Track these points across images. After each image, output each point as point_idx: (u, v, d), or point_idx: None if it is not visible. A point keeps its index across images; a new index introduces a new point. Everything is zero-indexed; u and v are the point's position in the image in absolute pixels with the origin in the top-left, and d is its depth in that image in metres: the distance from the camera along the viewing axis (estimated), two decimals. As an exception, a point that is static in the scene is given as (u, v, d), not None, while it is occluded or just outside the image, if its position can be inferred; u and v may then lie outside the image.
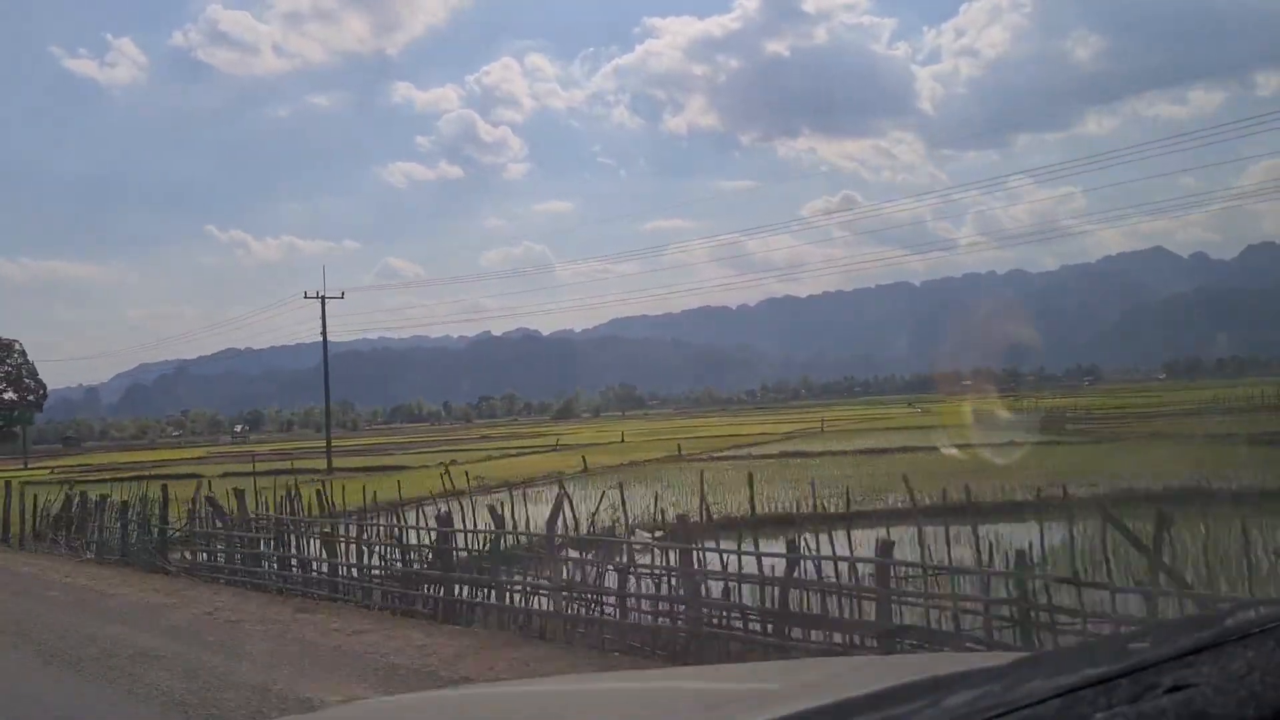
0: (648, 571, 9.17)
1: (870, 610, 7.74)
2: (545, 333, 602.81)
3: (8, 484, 22.40)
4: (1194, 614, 5.76)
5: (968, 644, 6.98)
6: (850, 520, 14.02)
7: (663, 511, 12.51)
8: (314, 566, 12.55)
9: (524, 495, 15.02)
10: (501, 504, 12.21)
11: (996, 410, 52.06)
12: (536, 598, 9.89)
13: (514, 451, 53.78)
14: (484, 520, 11.92)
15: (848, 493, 15.64)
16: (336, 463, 46.33)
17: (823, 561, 8.34)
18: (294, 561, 12.86)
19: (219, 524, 14.31)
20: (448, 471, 18.49)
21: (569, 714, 1.82)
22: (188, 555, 14.87)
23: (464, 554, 10.86)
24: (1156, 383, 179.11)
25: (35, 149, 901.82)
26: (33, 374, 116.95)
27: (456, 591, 10.54)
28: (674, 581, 8.95)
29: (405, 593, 11.24)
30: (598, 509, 11.90)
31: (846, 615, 8.00)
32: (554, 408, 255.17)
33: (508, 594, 10.13)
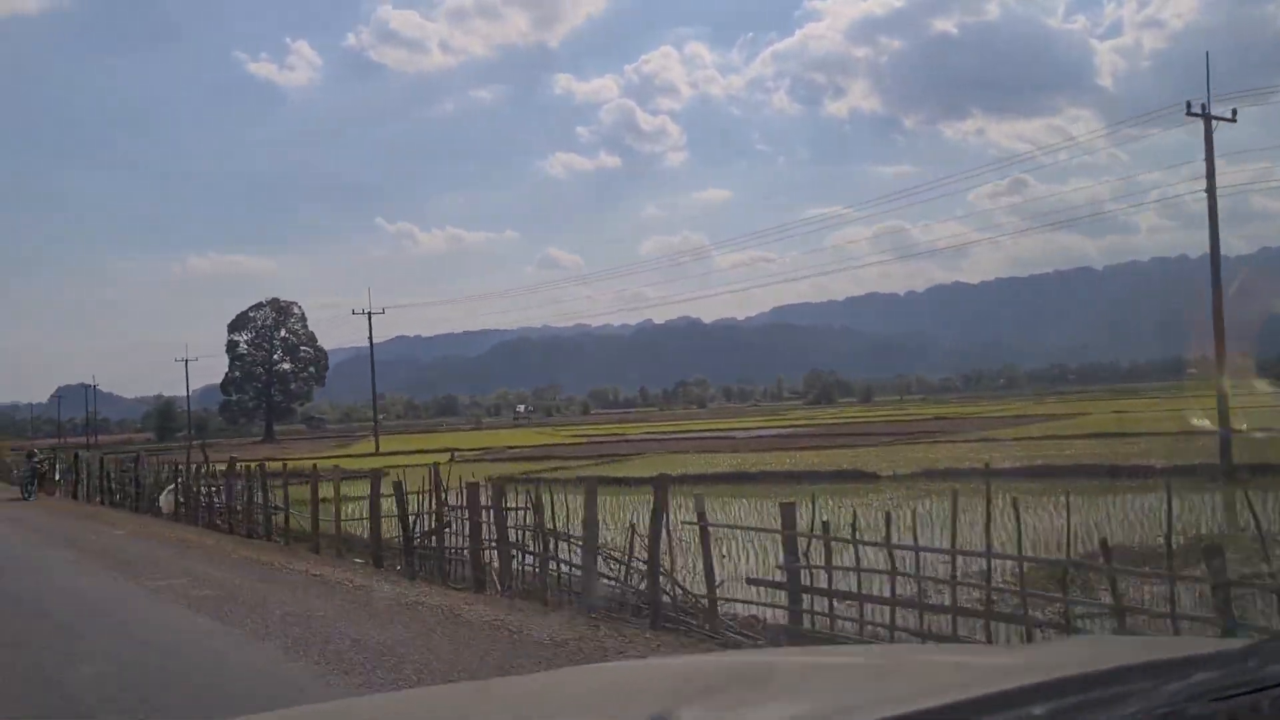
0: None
1: None
2: (707, 321, 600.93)
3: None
4: None
5: None
6: None
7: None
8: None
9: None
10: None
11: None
12: None
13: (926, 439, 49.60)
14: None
15: None
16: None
17: None
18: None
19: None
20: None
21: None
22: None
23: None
24: None
25: (220, 150, 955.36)
26: (312, 340, 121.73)
27: None
28: None
29: None
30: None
31: None
32: (753, 393, 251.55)
33: None
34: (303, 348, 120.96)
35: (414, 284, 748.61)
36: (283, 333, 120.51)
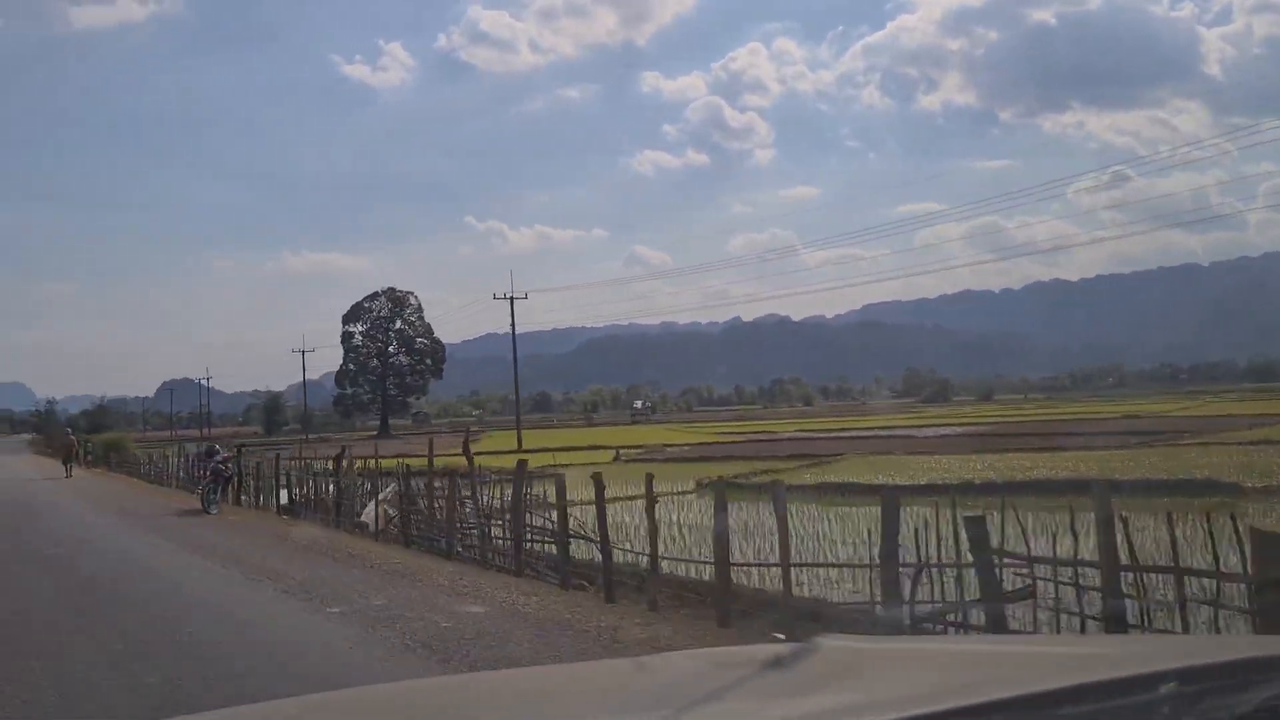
0: None
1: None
2: (796, 318, 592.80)
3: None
4: None
5: None
6: None
7: None
8: None
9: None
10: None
11: None
12: None
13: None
14: None
15: None
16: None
17: None
18: None
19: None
20: None
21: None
22: None
23: None
24: None
25: (315, 151, 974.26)
26: (428, 332, 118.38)
27: None
28: None
29: None
30: None
31: None
32: (851, 392, 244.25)
33: None
34: (419, 339, 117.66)
35: (502, 282, 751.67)
36: (398, 324, 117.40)
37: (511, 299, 66.77)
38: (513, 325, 66.60)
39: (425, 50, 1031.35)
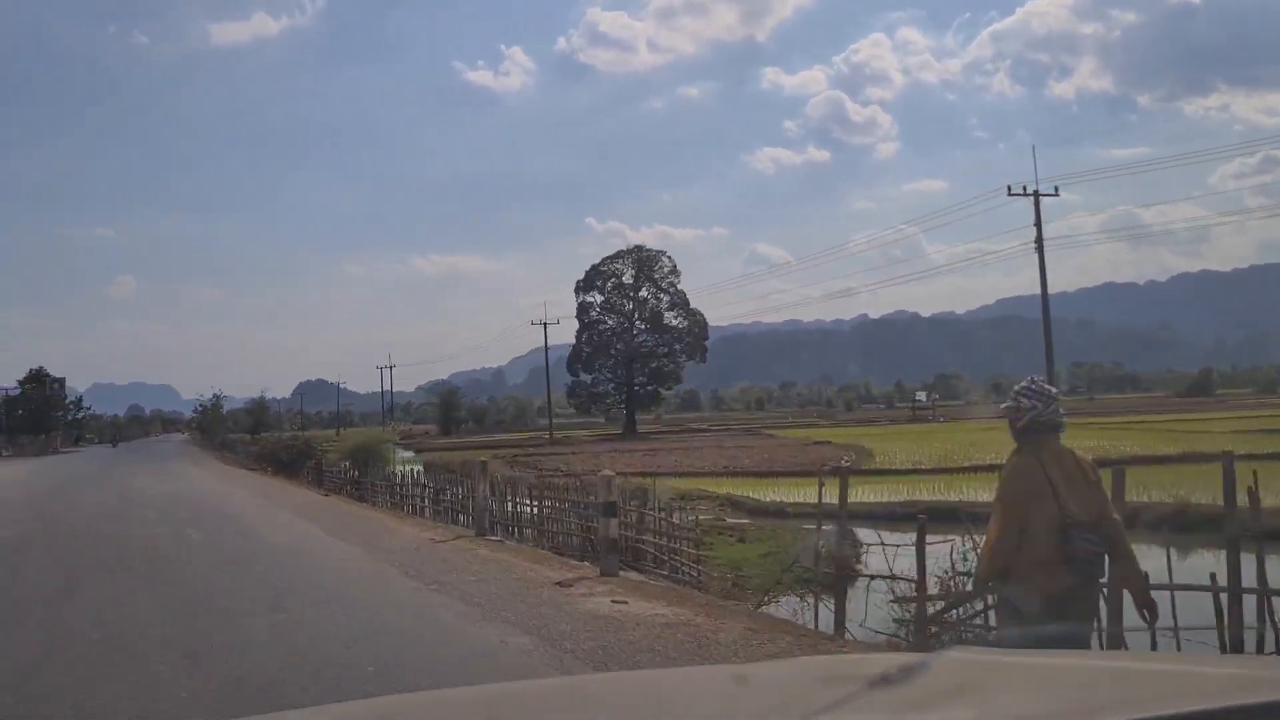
0: None
1: None
2: (926, 314, 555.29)
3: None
4: None
5: None
6: None
7: None
8: None
9: None
10: None
11: None
12: None
13: None
14: None
15: None
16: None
17: None
18: None
19: None
20: None
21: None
22: None
23: None
24: None
25: (441, 156, 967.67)
26: (683, 302, 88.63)
27: None
28: None
29: None
30: None
31: None
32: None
33: None
34: (669, 313, 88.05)
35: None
36: (643, 293, 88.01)
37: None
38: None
39: (545, 53, 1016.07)
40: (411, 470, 38.12)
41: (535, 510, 17.94)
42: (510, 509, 18.54)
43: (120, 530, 14.80)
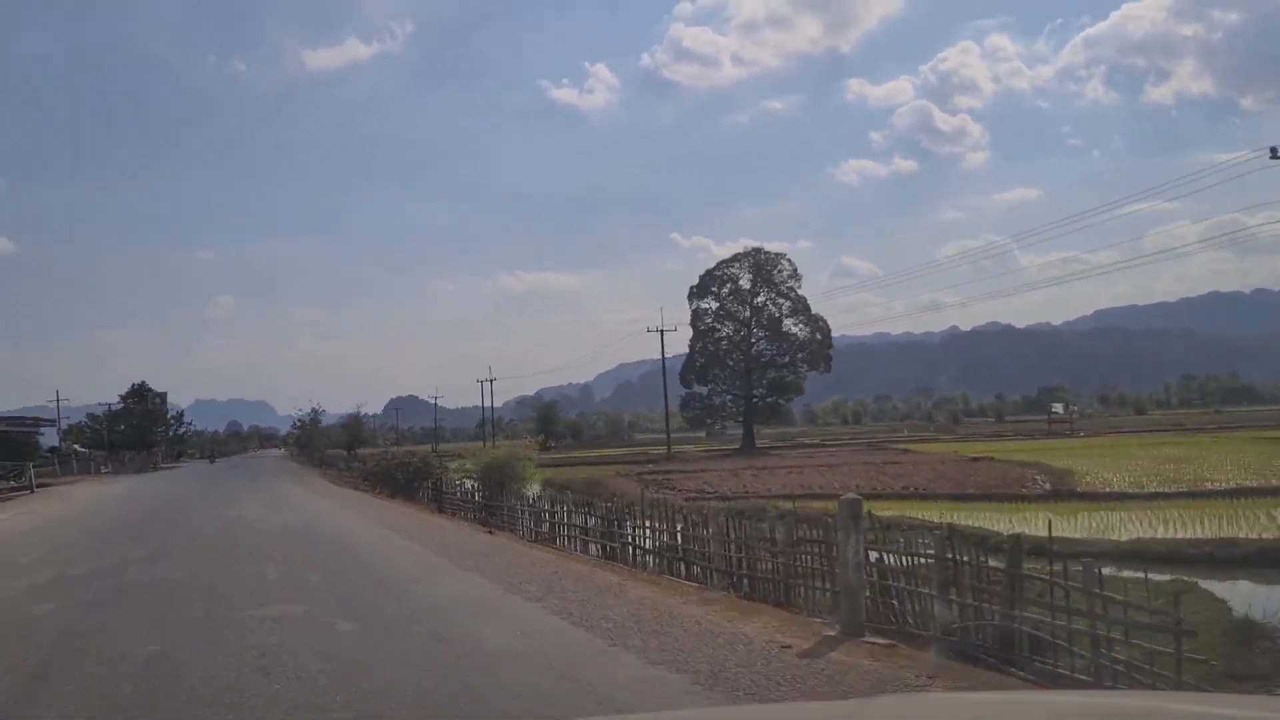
0: None
1: None
2: (1020, 325, 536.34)
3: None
4: None
5: None
6: None
7: None
8: None
9: None
10: None
11: None
12: None
13: None
14: None
15: None
16: None
17: None
18: None
19: None
20: None
21: None
22: None
23: None
24: None
25: (527, 174, 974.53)
26: (804, 307, 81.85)
27: None
28: None
29: None
30: None
31: None
32: (1134, 401, 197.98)
33: None
34: (789, 319, 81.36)
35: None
36: (760, 298, 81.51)
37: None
38: None
39: (629, 70, 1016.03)
40: (543, 492, 32.49)
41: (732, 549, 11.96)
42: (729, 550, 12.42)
43: (224, 612, 9.06)
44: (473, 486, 30.90)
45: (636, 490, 43.59)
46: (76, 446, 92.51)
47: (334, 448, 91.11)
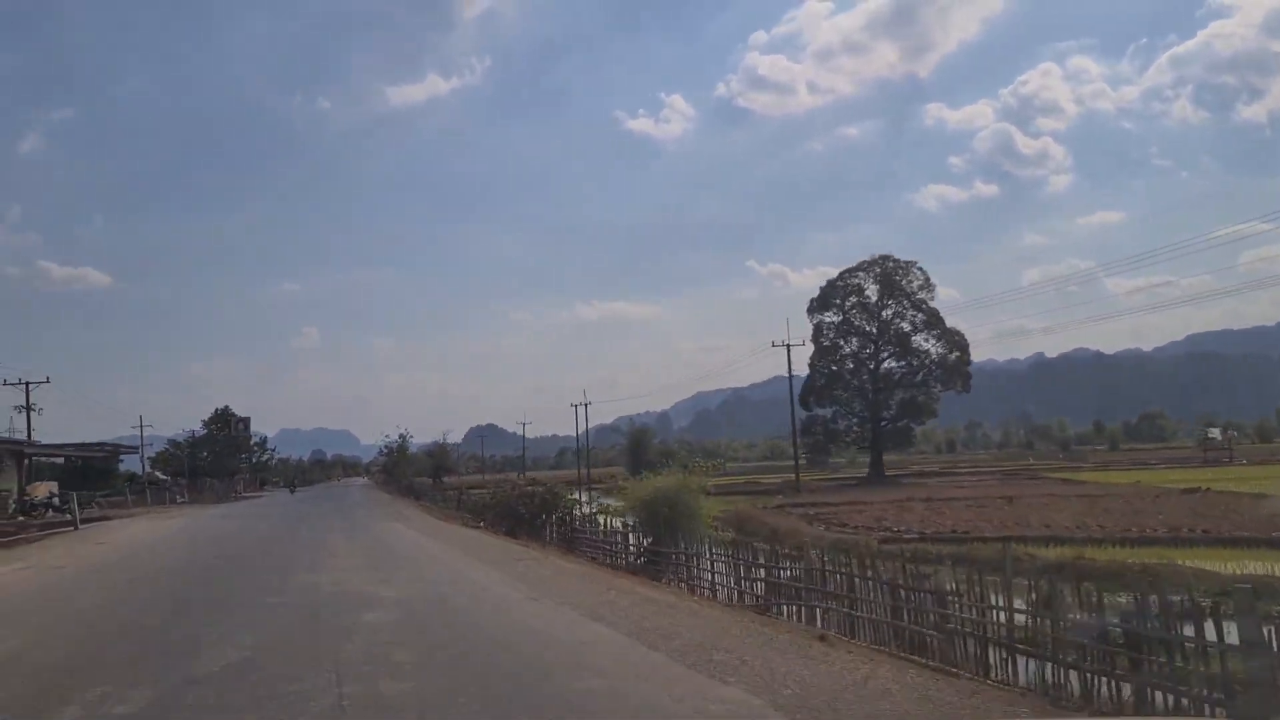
0: None
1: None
2: (1109, 351, 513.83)
3: None
4: None
5: None
6: None
7: None
8: None
9: None
10: None
11: None
12: None
13: None
14: None
15: None
16: None
17: None
18: None
19: None
20: None
21: None
22: None
23: None
24: None
25: (603, 204, 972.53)
26: (938, 321, 72.82)
27: None
28: None
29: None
30: None
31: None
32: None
33: None
34: (920, 334, 72.39)
35: (783, 325, 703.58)
36: (888, 311, 72.71)
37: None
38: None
39: (705, 100, 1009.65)
40: (731, 536, 24.67)
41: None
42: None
43: None
44: (623, 525, 23.23)
45: (800, 527, 35.28)
46: (158, 474, 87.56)
47: (420, 475, 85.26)
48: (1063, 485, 54.44)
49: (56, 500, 35.93)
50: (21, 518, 33.81)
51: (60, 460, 68.22)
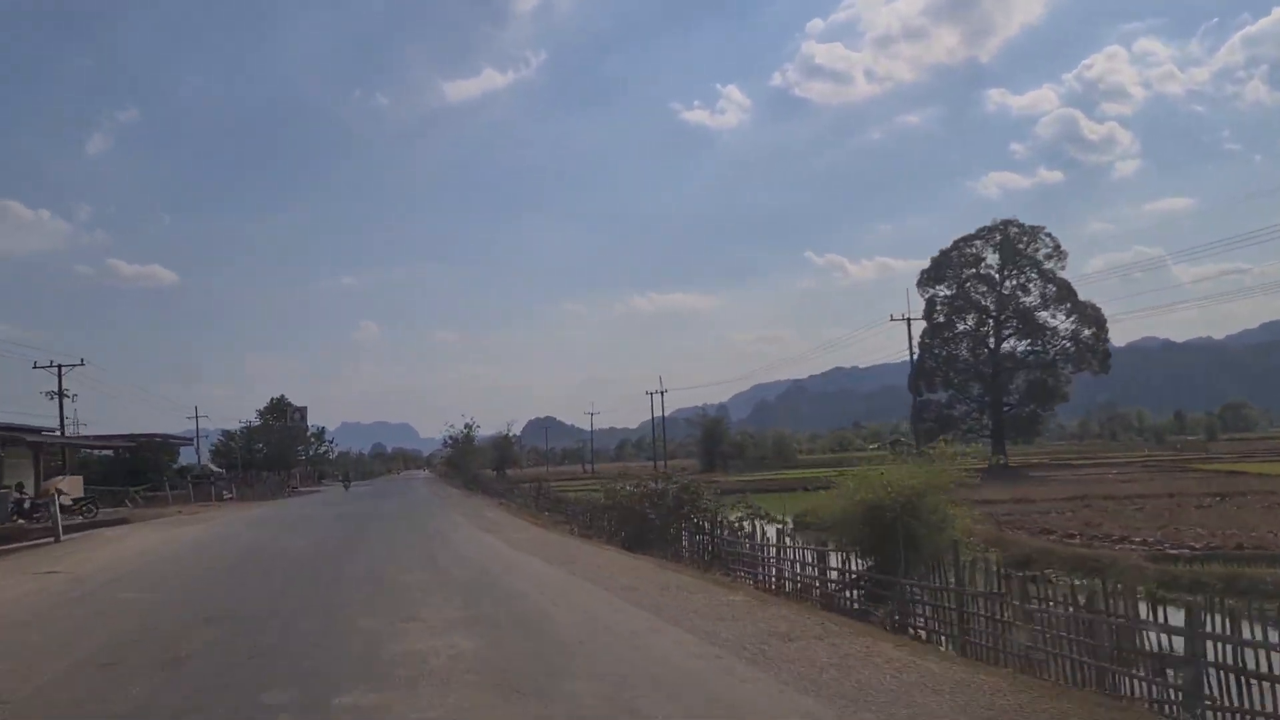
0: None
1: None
2: (1179, 340, 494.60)
3: None
4: None
5: None
6: None
7: None
8: None
9: None
10: None
11: None
12: None
13: None
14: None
15: None
16: None
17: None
18: None
19: None
20: None
21: None
22: None
23: None
24: None
25: (659, 196, 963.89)
26: (1068, 294, 63.71)
27: None
28: None
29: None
30: None
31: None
32: None
33: None
34: (1049, 309, 63.39)
35: (841, 315, 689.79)
36: (1011, 283, 63.82)
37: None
38: None
39: (760, 90, 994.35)
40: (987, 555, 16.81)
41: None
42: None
43: None
44: (826, 543, 15.54)
45: (1005, 536, 27.16)
46: (211, 466, 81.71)
47: (484, 468, 78.90)
48: (1225, 479, 45.16)
49: (67, 500, 29.05)
50: (20, 521, 26.96)
51: (110, 453, 62.25)
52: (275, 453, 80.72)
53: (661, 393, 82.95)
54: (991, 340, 63.63)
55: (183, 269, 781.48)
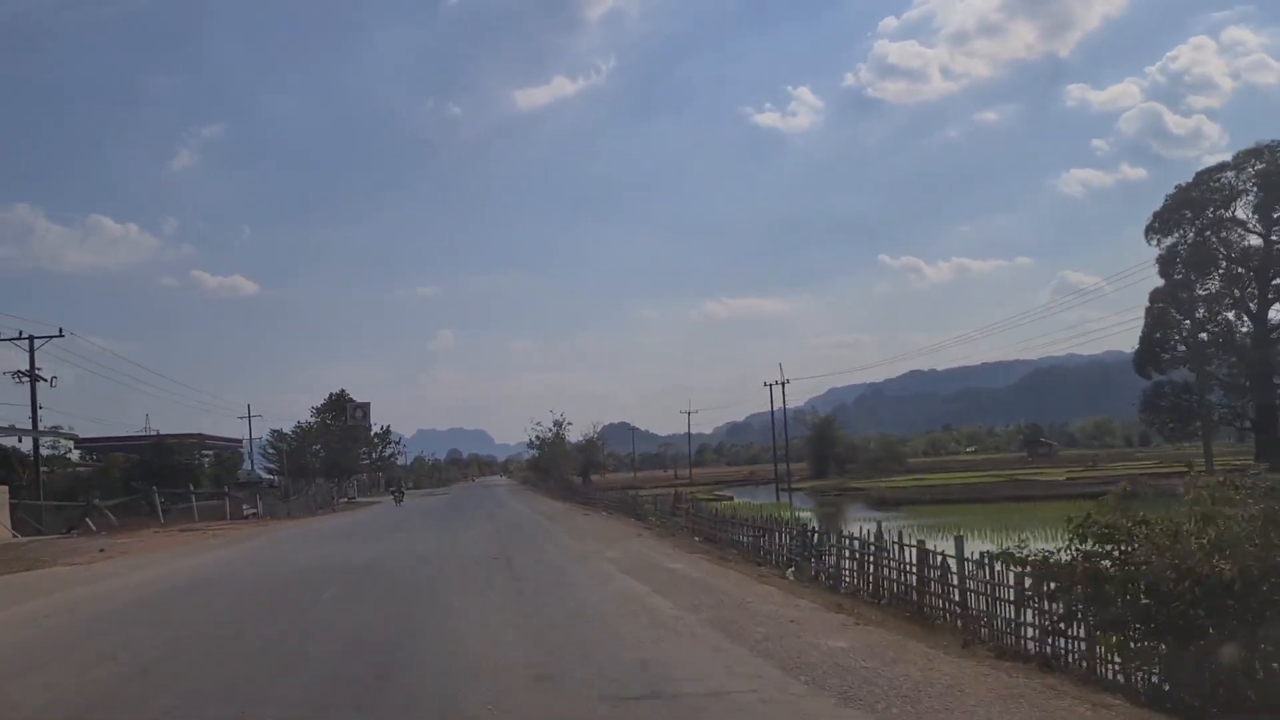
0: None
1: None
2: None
3: None
4: None
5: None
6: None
7: None
8: None
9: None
10: None
11: None
12: None
13: None
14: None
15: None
16: None
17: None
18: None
19: None
20: None
21: None
22: None
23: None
24: None
25: (731, 200, 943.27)
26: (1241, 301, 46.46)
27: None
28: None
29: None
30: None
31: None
32: None
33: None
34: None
35: (918, 318, 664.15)
36: (1278, 228, 47.21)
37: None
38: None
39: (833, 91, 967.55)
40: None
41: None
42: None
43: None
44: None
45: None
46: (261, 473, 69.02)
47: (571, 473, 65.57)
48: None
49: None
50: None
51: (135, 456, 50.07)
52: (333, 456, 67.73)
53: (783, 383, 67.68)
54: (1253, 303, 47.11)
55: (263, 279, 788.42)
